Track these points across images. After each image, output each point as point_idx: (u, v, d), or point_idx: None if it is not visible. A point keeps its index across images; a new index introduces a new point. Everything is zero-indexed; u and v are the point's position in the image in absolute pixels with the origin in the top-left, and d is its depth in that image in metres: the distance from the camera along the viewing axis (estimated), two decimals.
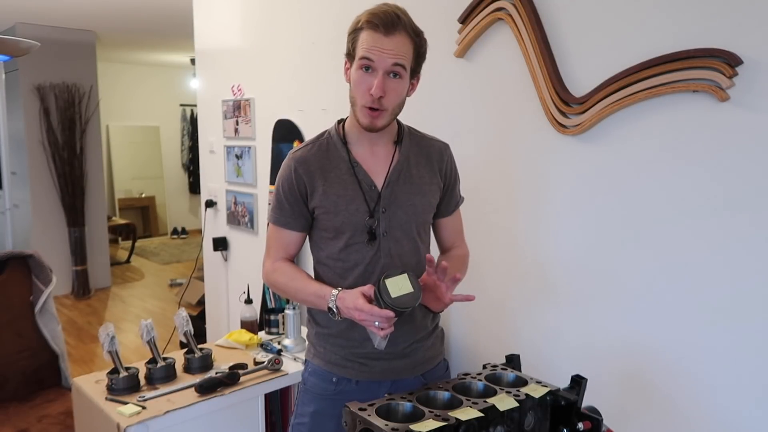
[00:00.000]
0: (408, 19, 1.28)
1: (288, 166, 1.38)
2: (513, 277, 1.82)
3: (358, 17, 1.29)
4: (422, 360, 1.43)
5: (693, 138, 1.39)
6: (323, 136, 1.41)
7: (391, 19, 1.24)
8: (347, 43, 1.31)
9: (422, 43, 1.31)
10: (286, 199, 1.38)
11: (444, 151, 1.46)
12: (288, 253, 1.43)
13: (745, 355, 1.34)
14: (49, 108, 5.24)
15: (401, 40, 1.25)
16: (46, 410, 2.34)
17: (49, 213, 5.40)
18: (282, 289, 1.42)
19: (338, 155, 1.37)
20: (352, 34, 1.29)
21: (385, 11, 1.25)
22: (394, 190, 1.36)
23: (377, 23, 1.24)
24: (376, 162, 1.37)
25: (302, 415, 1.44)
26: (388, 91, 1.27)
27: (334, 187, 1.35)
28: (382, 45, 1.24)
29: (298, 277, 1.38)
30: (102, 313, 5.15)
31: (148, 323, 1.94)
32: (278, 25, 2.67)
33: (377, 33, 1.24)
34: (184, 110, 8.43)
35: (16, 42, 2.30)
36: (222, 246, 3.21)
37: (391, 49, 1.24)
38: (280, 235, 1.41)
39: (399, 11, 1.27)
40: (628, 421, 1.55)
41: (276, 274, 1.41)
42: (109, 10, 4.67)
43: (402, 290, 1.18)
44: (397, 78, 1.27)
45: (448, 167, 1.45)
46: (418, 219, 1.39)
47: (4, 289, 2.46)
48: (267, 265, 1.43)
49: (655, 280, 1.48)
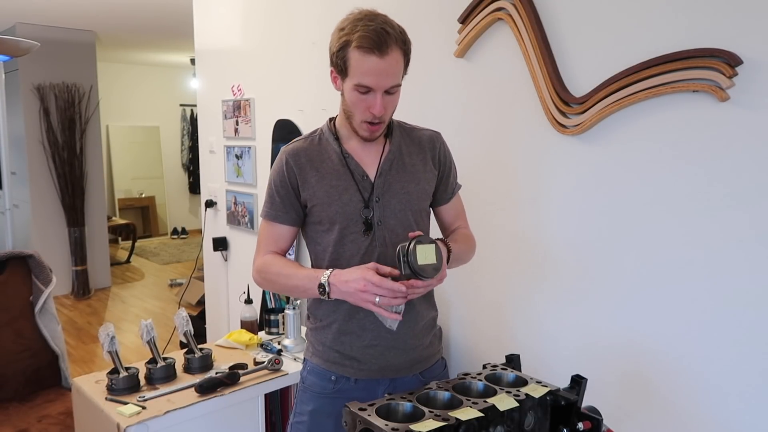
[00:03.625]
0: (395, 30, 1.24)
1: (280, 160, 1.39)
2: (513, 277, 1.82)
3: (344, 32, 1.24)
4: (420, 358, 1.43)
5: (693, 138, 1.39)
6: (316, 132, 1.43)
7: (383, 38, 1.21)
8: (334, 55, 1.27)
9: (410, 49, 1.29)
10: (278, 192, 1.39)
11: (435, 138, 1.46)
12: (278, 247, 1.42)
13: (745, 355, 1.34)
14: (49, 108, 5.24)
15: (394, 56, 1.23)
16: (46, 410, 2.34)
17: (49, 213, 5.40)
18: (272, 280, 1.38)
19: (330, 148, 1.38)
20: (341, 51, 1.25)
21: (374, 30, 1.21)
22: (387, 179, 1.37)
23: (370, 46, 1.21)
24: (367, 154, 1.38)
25: (301, 413, 1.45)
26: (386, 106, 1.28)
27: (327, 178, 1.36)
28: (378, 69, 1.22)
29: (289, 265, 1.38)
30: (102, 313, 5.15)
31: (148, 323, 1.94)
32: (278, 25, 2.67)
33: (371, 56, 1.21)
34: (184, 110, 8.44)
35: (16, 42, 2.30)
36: (222, 246, 3.21)
37: (387, 71, 1.23)
38: (272, 229, 1.42)
39: (386, 25, 1.23)
40: (628, 421, 1.55)
41: (265, 267, 1.39)
42: (109, 10, 4.67)
43: (427, 259, 1.18)
44: (394, 92, 1.28)
45: (441, 154, 1.45)
46: (413, 207, 1.39)
47: (4, 289, 2.46)
48: (256, 261, 1.42)
49: (656, 279, 1.48)
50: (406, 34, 1.28)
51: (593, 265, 1.61)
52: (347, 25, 1.25)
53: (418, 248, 1.18)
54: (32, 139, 5.25)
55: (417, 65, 2.07)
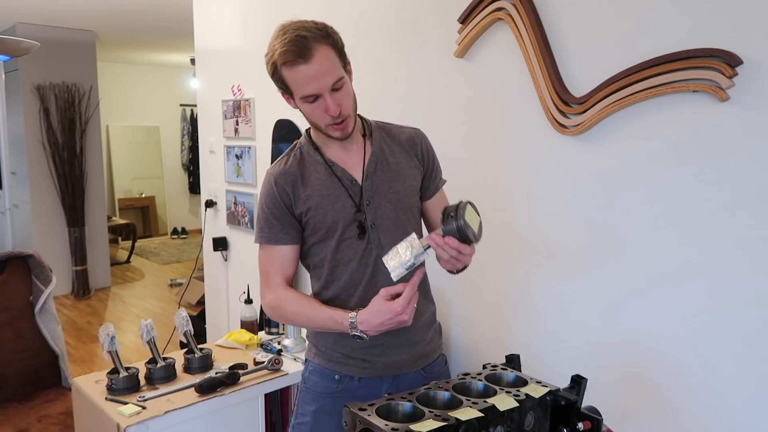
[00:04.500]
0: (311, 30, 1.22)
1: (268, 182, 1.38)
2: (513, 277, 1.82)
3: (269, 56, 1.25)
4: (422, 354, 1.44)
5: (693, 138, 1.39)
6: (295, 148, 1.42)
7: (301, 44, 1.19)
8: (273, 80, 1.28)
9: (337, 38, 1.27)
10: (273, 215, 1.37)
11: (416, 135, 1.46)
12: (285, 274, 1.39)
13: (745, 356, 1.34)
14: (49, 108, 5.24)
15: (321, 54, 1.21)
16: (46, 410, 2.34)
17: (49, 213, 5.40)
18: (290, 319, 1.40)
19: (313, 160, 1.38)
20: (274, 74, 1.26)
21: (291, 41, 1.20)
22: (374, 181, 1.36)
23: (294, 58, 1.20)
24: (351, 158, 1.38)
25: (303, 414, 1.44)
26: (340, 101, 1.26)
27: (317, 189, 1.35)
28: (311, 75, 1.21)
29: (305, 304, 1.35)
30: (102, 313, 5.15)
31: (148, 323, 1.94)
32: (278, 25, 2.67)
33: (299, 66, 1.21)
34: (184, 110, 8.43)
35: (16, 42, 2.30)
36: (222, 246, 3.21)
37: (320, 72, 1.22)
38: (274, 254, 1.38)
39: (300, 30, 1.21)
40: (628, 421, 1.55)
41: (280, 305, 1.37)
42: (109, 10, 4.67)
43: (473, 223, 1.16)
44: (341, 86, 1.26)
45: (424, 149, 1.45)
46: (402, 205, 1.39)
47: (4, 289, 2.46)
48: (267, 296, 1.39)
49: (655, 279, 1.48)
50: (328, 26, 1.26)
51: (593, 265, 1.61)
52: (269, 48, 1.25)
53: (468, 208, 1.16)
54: (32, 139, 5.25)
55: (417, 65, 2.08)
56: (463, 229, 1.14)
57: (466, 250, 1.17)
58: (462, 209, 1.15)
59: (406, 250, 1.18)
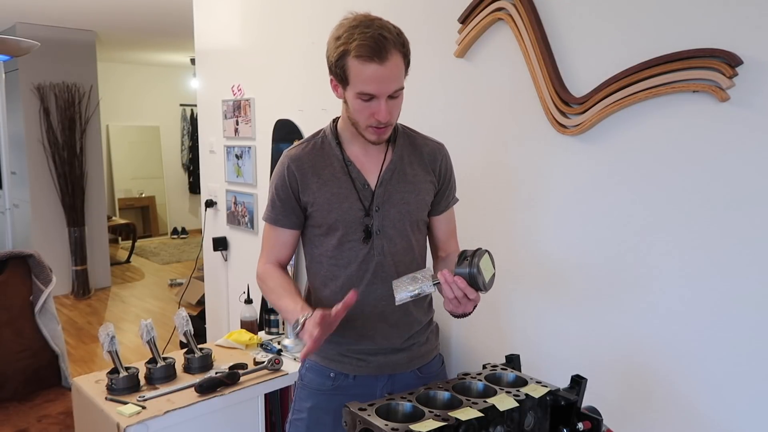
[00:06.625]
0: (392, 34, 1.21)
1: (282, 164, 1.39)
2: (513, 277, 1.82)
3: (341, 41, 1.21)
4: (418, 355, 1.44)
5: (693, 138, 1.39)
6: (318, 135, 1.42)
7: (381, 45, 1.18)
8: (333, 64, 1.25)
9: (409, 50, 1.27)
10: (278, 197, 1.39)
11: (439, 150, 1.45)
12: (280, 254, 1.43)
13: (745, 356, 1.34)
14: (49, 108, 5.24)
15: (394, 61, 1.21)
16: (46, 410, 2.34)
17: (49, 213, 5.40)
18: (265, 292, 1.43)
19: (332, 153, 1.38)
20: (339, 60, 1.22)
21: (372, 37, 1.18)
22: (388, 188, 1.36)
23: (369, 55, 1.18)
24: (369, 161, 1.38)
25: (300, 410, 1.45)
26: (391, 111, 1.27)
27: (328, 184, 1.35)
28: (379, 76, 1.20)
29: (281, 285, 1.38)
30: (102, 313, 5.15)
31: (148, 323, 1.94)
32: (278, 25, 2.67)
33: (371, 64, 1.19)
34: (184, 110, 8.43)
35: (16, 42, 2.30)
36: (222, 246, 3.21)
37: (389, 77, 1.21)
38: (273, 233, 1.43)
39: (383, 30, 1.20)
40: (628, 421, 1.55)
41: (264, 277, 1.43)
42: (109, 10, 4.67)
43: (486, 271, 1.18)
44: (397, 95, 1.26)
45: (443, 166, 1.45)
46: (411, 217, 1.38)
47: (4, 289, 2.46)
48: (259, 265, 1.45)
49: (655, 279, 1.48)
50: (404, 34, 1.26)
51: (593, 265, 1.61)
52: (343, 33, 1.21)
53: (485, 257, 1.18)
54: (32, 138, 5.25)
55: (417, 65, 2.07)
56: (475, 275, 1.16)
57: (472, 295, 1.18)
58: (479, 256, 1.17)
59: (417, 280, 1.21)
